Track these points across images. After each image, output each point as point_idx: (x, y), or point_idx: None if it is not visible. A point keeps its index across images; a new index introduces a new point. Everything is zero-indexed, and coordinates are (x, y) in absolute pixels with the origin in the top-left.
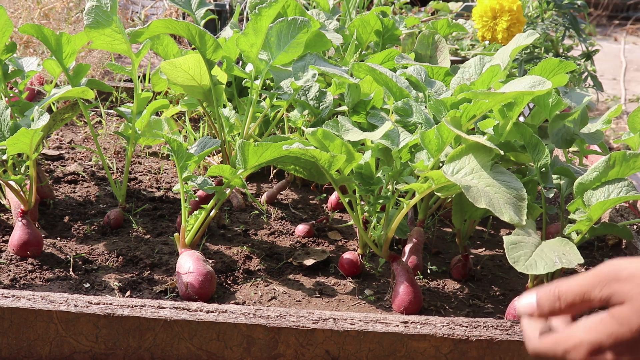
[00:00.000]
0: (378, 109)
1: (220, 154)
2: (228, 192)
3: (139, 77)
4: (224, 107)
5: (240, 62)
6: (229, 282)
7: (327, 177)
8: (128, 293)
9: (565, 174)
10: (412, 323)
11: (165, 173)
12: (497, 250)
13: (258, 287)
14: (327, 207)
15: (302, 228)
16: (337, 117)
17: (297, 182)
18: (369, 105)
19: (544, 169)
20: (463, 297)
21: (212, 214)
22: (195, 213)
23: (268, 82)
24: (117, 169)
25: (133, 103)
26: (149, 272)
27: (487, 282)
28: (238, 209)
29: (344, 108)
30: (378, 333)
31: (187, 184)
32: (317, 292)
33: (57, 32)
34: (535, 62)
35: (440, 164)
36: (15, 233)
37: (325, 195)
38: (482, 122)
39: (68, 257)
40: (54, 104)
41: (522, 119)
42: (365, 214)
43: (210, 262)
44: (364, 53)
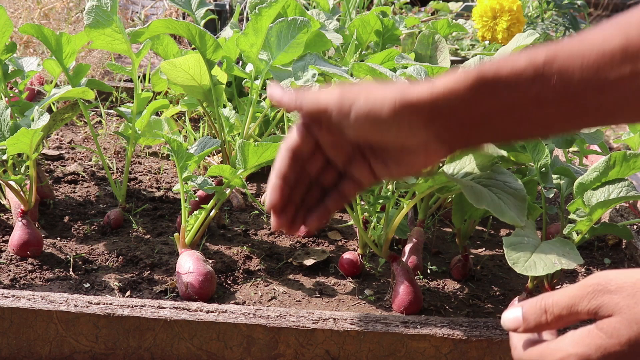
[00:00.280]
0: None
1: (220, 154)
2: (228, 192)
3: (139, 77)
4: (224, 107)
5: (240, 62)
6: (229, 282)
7: None
8: (128, 293)
9: (565, 174)
10: (412, 323)
11: (165, 173)
12: (497, 250)
13: (258, 287)
14: None
15: (302, 228)
16: None
17: None
18: None
19: (544, 169)
20: (463, 297)
21: (212, 214)
22: (195, 213)
23: (268, 82)
24: (117, 169)
25: (133, 103)
26: (149, 272)
27: (487, 282)
28: (238, 209)
29: None
30: (378, 333)
31: (187, 184)
32: (317, 292)
33: (57, 32)
34: None
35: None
36: (15, 233)
37: None
38: None
39: (68, 257)
40: (54, 104)
41: None
42: (365, 214)
43: (210, 262)
44: (364, 53)
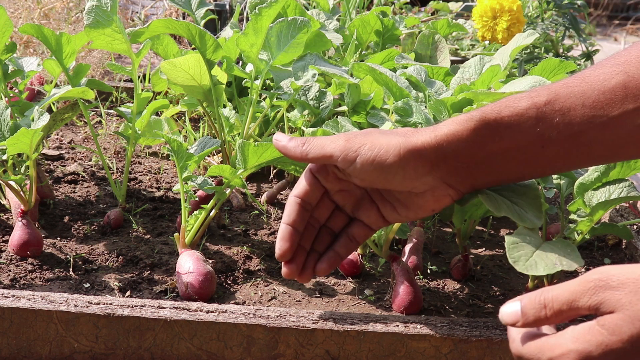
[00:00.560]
0: (378, 109)
1: (220, 154)
2: (228, 192)
3: (139, 77)
4: (224, 107)
5: (240, 62)
6: (229, 282)
7: None
8: (128, 293)
9: (566, 174)
10: (412, 323)
11: (165, 173)
12: (497, 250)
13: (258, 287)
14: None
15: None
16: (337, 117)
17: None
18: (369, 105)
19: None
20: (463, 297)
21: (212, 214)
22: (195, 213)
23: (268, 82)
24: (117, 169)
25: (133, 103)
26: (149, 272)
27: (487, 282)
28: (238, 209)
29: (344, 108)
30: (378, 333)
31: (187, 184)
32: (317, 292)
33: (57, 32)
34: (535, 62)
35: None
36: (15, 233)
37: None
38: None
39: (68, 257)
40: (54, 104)
41: None
42: None
43: (210, 262)
44: (364, 53)
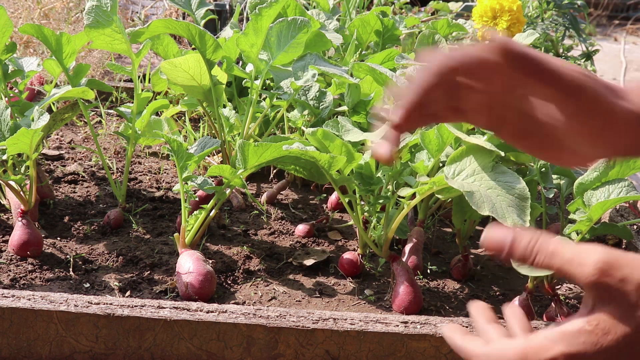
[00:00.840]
0: None
1: (220, 154)
2: (228, 192)
3: (139, 77)
4: (224, 107)
5: (240, 62)
6: (229, 282)
7: (327, 177)
8: (128, 293)
9: (565, 174)
10: (412, 323)
11: (165, 173)
12: None
13: (258, 287)
14: (327, 207)
15: (302, 228)
16: (337, 117)
17: (297, 182)
18: (369, 105)
19: (544, 169)
20: (463, 297)
21: (212, 214)
22: (195, 213)
23: (268, 82)
24: (117, 169)
25: (133, 103)
26: (149, 272)
27: (487, 282)
28: (238, 209)
29: (344, 108)
30: (378, 333)
31: (187, 184)
32: (317, 292)
33: (57, 32)
34: None
35: (441, 164)
36: (15, 233)
37: (325, 195)
38: None
39: (68, 257)
40: (54, 104)
41: None
42: (365, 214)
43: (210, 262)
44: (364, 53)
